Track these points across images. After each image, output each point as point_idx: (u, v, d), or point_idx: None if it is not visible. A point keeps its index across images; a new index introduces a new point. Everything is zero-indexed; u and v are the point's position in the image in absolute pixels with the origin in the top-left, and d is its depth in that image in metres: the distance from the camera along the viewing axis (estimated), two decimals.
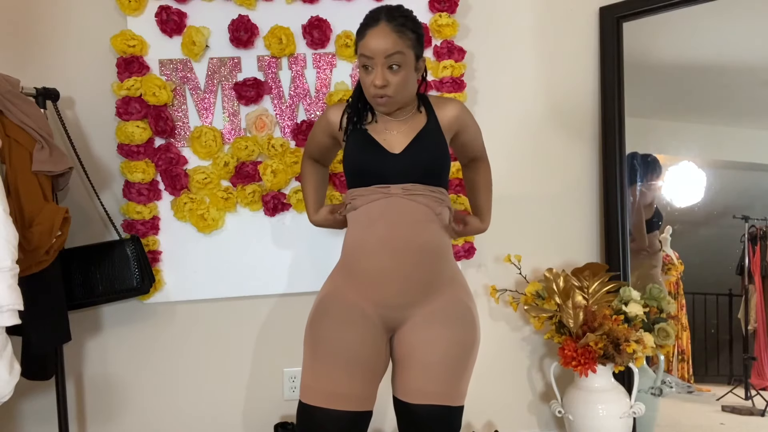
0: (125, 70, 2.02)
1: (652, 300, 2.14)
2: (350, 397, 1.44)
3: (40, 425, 2.05)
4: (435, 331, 1.48)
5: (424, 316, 1.49)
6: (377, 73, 1.43)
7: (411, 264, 1.48)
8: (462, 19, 2.25)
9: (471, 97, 2.26)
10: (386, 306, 1.49)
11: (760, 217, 2.18)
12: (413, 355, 1.48)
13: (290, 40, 2.09)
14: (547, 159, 2.34)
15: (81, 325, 2.05)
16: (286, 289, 2.17)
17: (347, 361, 1.45)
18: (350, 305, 1.50)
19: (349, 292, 1.52)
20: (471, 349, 1.53)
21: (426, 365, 1.46)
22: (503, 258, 2.24)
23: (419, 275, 1.49)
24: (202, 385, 2.15)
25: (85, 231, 2.04)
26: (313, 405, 1.44)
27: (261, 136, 2.10)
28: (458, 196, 2.20)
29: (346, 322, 1.48)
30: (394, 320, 1.51)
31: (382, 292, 1.48)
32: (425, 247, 1.50)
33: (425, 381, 1.46)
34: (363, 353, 1.47)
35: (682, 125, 2.33)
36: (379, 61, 1.42)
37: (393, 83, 1.45)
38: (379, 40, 1.41)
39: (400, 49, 1.42)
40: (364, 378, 1.46)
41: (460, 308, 1.53)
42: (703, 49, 2.26)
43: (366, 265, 1.50)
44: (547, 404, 2.35)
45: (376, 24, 1.43)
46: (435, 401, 1.45)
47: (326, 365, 1.46)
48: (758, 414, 2.12)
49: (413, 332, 1.49)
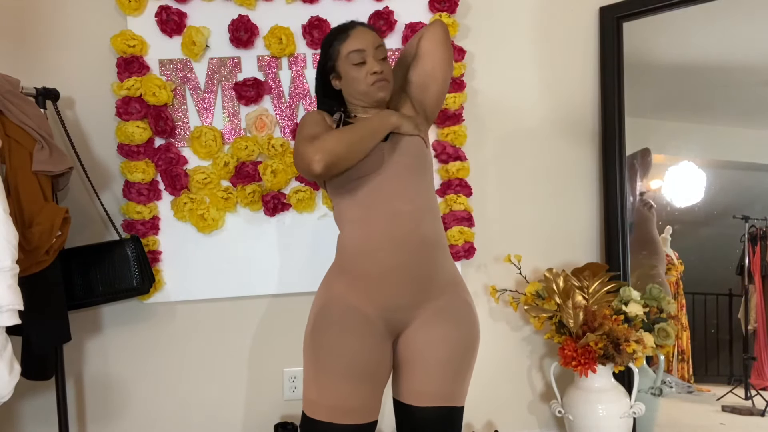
0: (125, 70, 2.02)
1: (652, 300, 2.14)
2: (355, 410, 1.41)
3: (40, 425, 2.05)
4: (441, 332, 1.46)
5: (428, 316, 1.47)
6: (371, 60, 1.52)
7: (413, 259, 1.45)
8: (462, 19, 2.25)
9: (471, 97, 2.26)
10: (390, 308, 1.46)
11: (760, 217, 2.18)
12: (419, 357, 1.46)
13: (290, 40, 2.09)
14: (547, 159, 2.34)
15: (81, 325, 2.05)
16: (286, 289, 2.17)
17: (352, 374, 1.41)
18: (352, 312, 1.45)
19: (349, 297, 1.47)
20: (474, 347, 1.52)
21: (432, 367, 1.44)
22: (503, 258, 2.24)
23: (422, 271, 1.46)
24: (202, 385, 2.15)
25: (85, 231, 2.04)
26: (319, 420, 1.41)
27: (261, 136, 2.10)
28: (458, 196, 2.20)
29: (349, 332, 1.43)
30: (399, 322, 1.48)
31: (386, 293, 1.45)
32: (426, 239, 1.47)
33: (429, 383, 1.44)
34: (367, 363, 1.42)
35: (682, 125, 2.33)
36: (370, 52, 1.52)
37: (385, 70, 1.54)
38: (365, 35, 1.54)
39: (381, 43, 1.56)
40: (369, 389, 1.43)
41: (464, 307, 1.52)
42: (703, 49, 2.26)
43: (366, 267, 1.46)
44: (547, 404, 2.35)
45: (353, 27, 1.56)
46: (440, 403, 1.44)
47: (330, 378, 1.41)
48: (758, 414, 2.12)
49: (419, 334, 1.47)
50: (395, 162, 1.50)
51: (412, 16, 2.17)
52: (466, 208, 2.21)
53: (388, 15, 2.15)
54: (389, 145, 1.53)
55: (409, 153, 1.53)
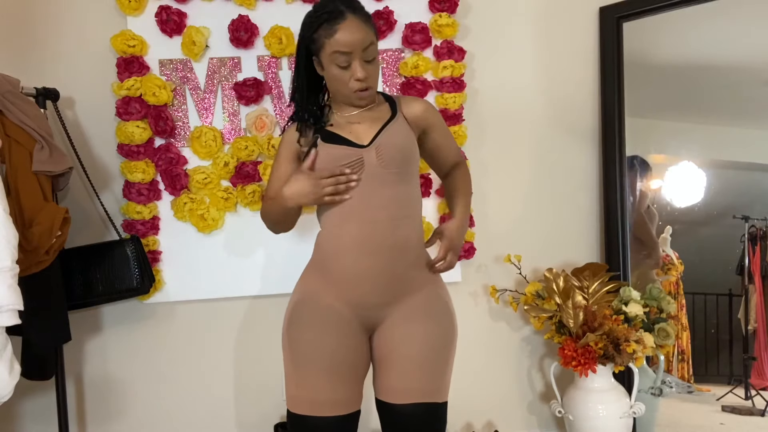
0: (125, 70, 2.02)
1: (652, 300, 2.14)
2: (335, 402, 1.42)
3: (40, 425, 2.05)
4: (414, 328, 1.46)
5: (401, 313, 1.47)
6: (356, 66, 1.41)
7: (386, 262, 1.45)
8: (462, 19, 2.25)
9: (471, 97, 2.26)
10: (363, 306, 1.47)
11: (760, 217, 2.18)
12: (393, 353, 1.46)
13: (290, 40, 2.09)
14: (547, 159, 2.34)
15: (81, 325, 2.05)
16: (286, 289, 2.13)
17: (328, 367, 1.42)
18: (326, 308, 1.47)
19: (323, 293, 1.49)
20: (450, 343, 1.51)
21: (407, 363, 1.44)
22: (503, 258, 2.24)
23: (395, 272, 1.47)
24: (202, 385, 2.15)
25: (85, 231, 2.04)
26: (300, 414, 1.43)
27: (261, 136, 2.10)
28: None
29: (322, 326, 1.45)
30: (372, 319, 1.49)
31: (358, 291, 1.46)
32: (400, 244, 1.47)
33: (407, 379, 1.44)
34: (343, 356, 1.44)
35: (682, 125, 2.33)
36: (357, 55, 1.40)
37: (372, 75, 1.45)
38: (354, 34, 1.39)
39: (372, 40, 1.43)
40: (347, 381, 1.44)
41: (438, 304, 1.52)
42: (703, 49, 2.27)
43: (340, 265, 1.47)
44: (547, 404, 2.35)
45: (343, 18, 1.39)
46: (418, 399, 1.43)
47: (308, 373, 1.43)
48: (758, 414, 2.12)
49: (392, 330, 1.47)
50: (372, 175, 1.47)
51: (412, 16, 2.17)
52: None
53: (388, 15, 2.14)
54: (371, 157, 1.47)
55: (391, 164, 1.47)
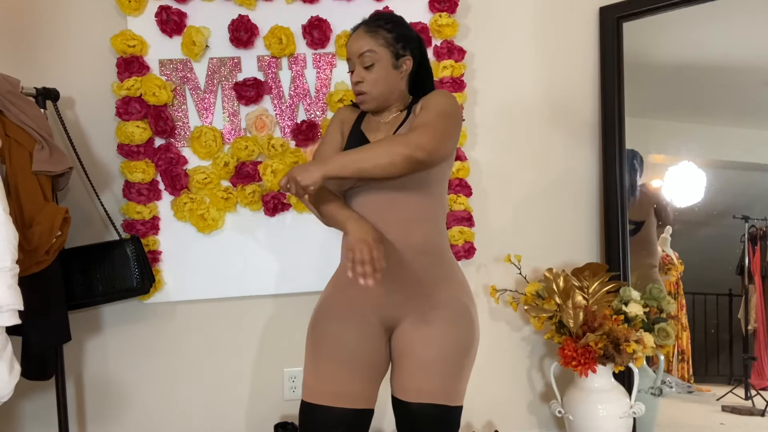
0: (125, 70, 2.02)
1: (652, 300, 2.14)
2: (352, 395, 1.46)
3: (40, 425, 2.05)
4: (432, 330, 1.49)
5: (420, 314, 1.50)
6: (356, 71, 1.55)
7: (402, 264, 1.49)
8: (462, 19, 2.25)
9: (471, 97, 2.26)
10: (379, 306, 1.51)
11: (760, 217, 2.18)
12: (410, 352, 1.49)
13: (290, 40, 2.09)
14: (547, 159, 2.34)
15: (81, 325, 2.05)
16: (286, 289, 2.17)
17: (348, 360, 1.47)
18: (349, 306, 1.53)
19: (348, 293, 1.54)
20: (468, 349, 1.52)
21: (423, 363, 1.47)
22: (503, 258, 2.24)
23: (411, 275, 1.50)
24: (202, 385, 2.15)
25: (85, 231, 2.04)
26: (316, 404, 1.45)
27: (261, 136, 2.10)
28: (458, 196, 2.20)
29: (345, 322, 1.51)
30: (391, 319, 1.52)
31: (374, 292, 1.50)
32: (416, 247, 1.51)
33: (422, 379, 1.46)
34: (363, 352, 1.48)
35: (682, 125, 2.33)
36: (356, 61, 1.54)
37: (367, 80, 1.54)
38: (353, 43, 1.54)
39: (370, 47, 1.52)
40: (365, 376, 1.48)
41: (458, 307, 1.53)
42: (703, 49, 2.26)
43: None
44: (547, 404, 2.35)
45: (355, 30, 1.56)
46: (432, 400, 1.45)
47: (328, 365, 1.48)
48: (758, 414, 2.12)
49: (410, 331, 1.50)
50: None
51: (412, 16, 2.17)
52: (466, 208, 2.21)
53: None
54: None
55: None
